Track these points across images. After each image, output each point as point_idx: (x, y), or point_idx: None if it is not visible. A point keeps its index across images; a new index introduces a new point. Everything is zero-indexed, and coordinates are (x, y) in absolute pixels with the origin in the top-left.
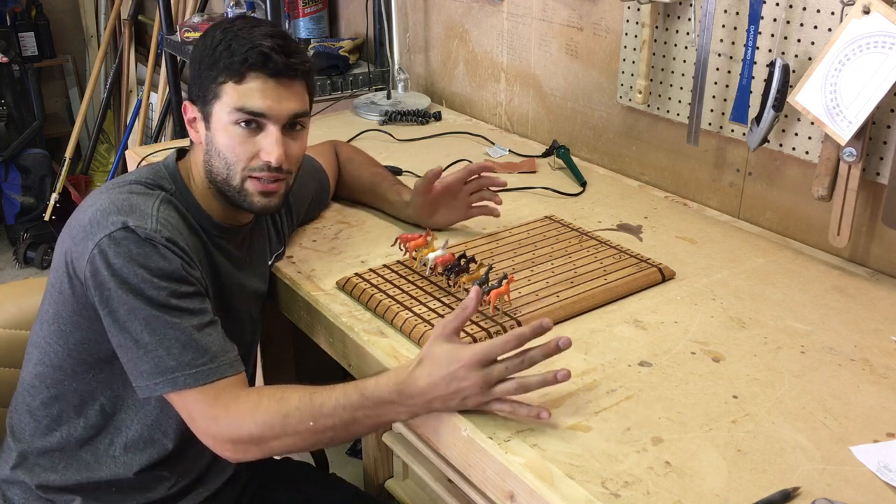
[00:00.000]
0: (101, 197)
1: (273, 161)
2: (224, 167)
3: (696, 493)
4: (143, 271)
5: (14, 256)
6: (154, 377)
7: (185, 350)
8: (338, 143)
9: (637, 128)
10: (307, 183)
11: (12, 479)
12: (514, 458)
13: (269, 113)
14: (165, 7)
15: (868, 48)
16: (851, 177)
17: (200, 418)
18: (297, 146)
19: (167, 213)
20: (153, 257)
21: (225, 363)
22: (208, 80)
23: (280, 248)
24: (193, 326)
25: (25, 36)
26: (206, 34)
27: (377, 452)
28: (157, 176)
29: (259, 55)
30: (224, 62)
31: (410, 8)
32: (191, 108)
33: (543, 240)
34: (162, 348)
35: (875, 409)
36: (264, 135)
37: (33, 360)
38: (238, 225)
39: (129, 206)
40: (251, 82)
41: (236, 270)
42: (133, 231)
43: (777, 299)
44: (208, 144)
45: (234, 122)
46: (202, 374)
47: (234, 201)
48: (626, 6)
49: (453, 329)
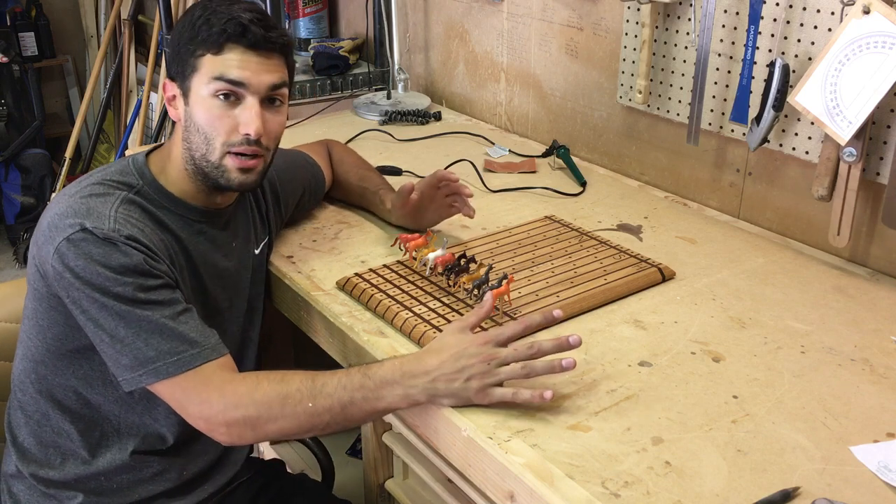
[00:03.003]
0: (61, 201)
1: (252, 133)
2: (203, 142)
3: (696, 493)
4: (106, 270)
5: (14, 256)
6: (136, 369)
7: (163, 339)
8: (331, 142)
9: (637, 128)
10: (298, 174)
11: (16, 475)
12: (514, 458)
13: (247, 82)
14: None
15: (868, 48)
16: (851, 177)
17: (191, 403)
18: (276, 121)
19: (127, 211)
20: (114, 255)
21: (207, 347)
22: (186, 53)
23: (265, 236)
24: (167, 317)
25: (25, 36)
26: (187, 12)
27: (377, 452)
28: (123, 172)
29: (238, 26)
30: (202, 35)
31: (410, 8)
32: (170, 85)
33: (543, 240)
34: (140, 340)
35: (875, 409)
36: (243, 107)
37: (19, 355)
38: (218, 207)
39: (87, 209)
40: (229, 53)
41: (221, 256)
42: (91, 232)
43: (777, 299)
44: (187, 120)
45: (212, 93)
46: (184, 360)
47: (212, 178)
48: (626, 6)
49: (469, 324)
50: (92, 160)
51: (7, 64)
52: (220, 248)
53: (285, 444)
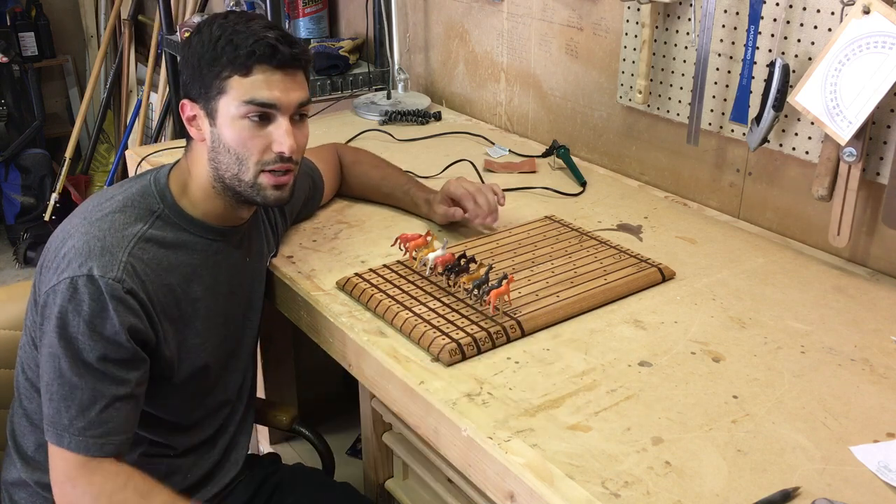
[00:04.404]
0: (80, 226)
1: (286, 151)
2: (235, 162)
3: (696, 493)
4: (84, 326)
5: (14, 256)
6: (48, 423)
7: (81, 415)
8: (341, 146)
9: (637, 128)
10: (301, 182)
11: (19, 483)
12: (514, 458)
13: (278, 103)
14: (165, 7)
15: (868, 48)
16: (851, 177)
17: (63, 475)
18: (303, 135)
19: (142, 252)
20: (101, 315)
21: (113, 443)
22: (210, 75)
23: (275, 247)
24: (105, 395)
25: (25, 36)
26: (201, 31)
27: (377, 452)
28: (145, 194)
29: (267, 47)
30: (228, 56)
31: (410, 8)
32: (189, 105)
33: (543, 240)
34: (63, 403)
35: (875, 409)
36: (275, 126)
37: (20, 364)
38: (237, 224)
39: (101, 248)
40: (258, 74)
41: (236, 273)
42: (94, 282)
43: (777, 299)
44: (214, 141)
45: (242, 115)
46: (89, 445)
47: (244, 196)
48: (626, 6)
49: None
50: (92, 160)
51: (7, 64)
52: (235, 266)
53: (284, 443)
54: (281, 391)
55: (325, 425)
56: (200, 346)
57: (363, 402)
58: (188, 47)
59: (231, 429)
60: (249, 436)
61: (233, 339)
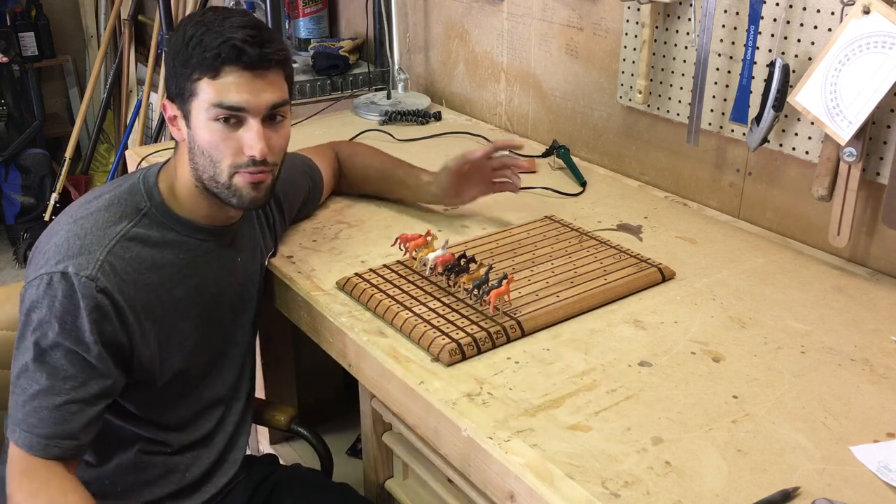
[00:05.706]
0: (66, 226)
1: (257, 155)
2: (209, 164)
3: (696, 493)
4: (55, 321)
5: (14, 256)
6: (9, 415)
7: (34, 412)
8: (338, 143)
9: (637, 128)
10: (300, 182)
11: None
12: (514, 458)
13: (247, 106)
14: (165, 7)
15: (868, 48)
16: (851, 177)
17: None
18: (279, 137)
19: (123, 251)
20: (72, 312)
21: (60, 447)
22: (183, 77)
23: (273, 246)
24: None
25: (25, 36)
26: (179, 28)
27: (377, 452)
28: (133, 192)
29: (231, 49)
30: (197, 58)
31: (410, 8)
32: (170, 106)
33: (543, 240)
34: (21, 398)
35: (875, 409)
36: (245, 129)
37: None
38: (226, 224)
39: (80, 246)
40: (226, 77)
41: (226, 274)
42: (69, 279)
43: (777, 299)
44: (191, 142)
45: (213, 118)
46: (34, 443)
47: (222, 197)
48: (626, 6)
49: None
50: (92, 160)
51: (7, 64)
52: (225, 266)
53: (284, 444)
54: (280, 391)
55: (325, 425)
56: (184, 345)
57: (363, 402)
58: (168, 44)
59: (229, 428)
60: (248, 436)
61: (221, 339)
